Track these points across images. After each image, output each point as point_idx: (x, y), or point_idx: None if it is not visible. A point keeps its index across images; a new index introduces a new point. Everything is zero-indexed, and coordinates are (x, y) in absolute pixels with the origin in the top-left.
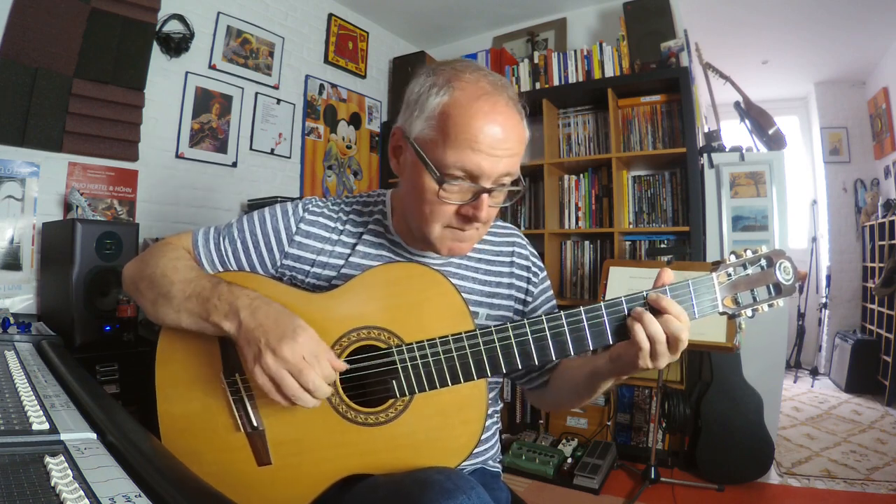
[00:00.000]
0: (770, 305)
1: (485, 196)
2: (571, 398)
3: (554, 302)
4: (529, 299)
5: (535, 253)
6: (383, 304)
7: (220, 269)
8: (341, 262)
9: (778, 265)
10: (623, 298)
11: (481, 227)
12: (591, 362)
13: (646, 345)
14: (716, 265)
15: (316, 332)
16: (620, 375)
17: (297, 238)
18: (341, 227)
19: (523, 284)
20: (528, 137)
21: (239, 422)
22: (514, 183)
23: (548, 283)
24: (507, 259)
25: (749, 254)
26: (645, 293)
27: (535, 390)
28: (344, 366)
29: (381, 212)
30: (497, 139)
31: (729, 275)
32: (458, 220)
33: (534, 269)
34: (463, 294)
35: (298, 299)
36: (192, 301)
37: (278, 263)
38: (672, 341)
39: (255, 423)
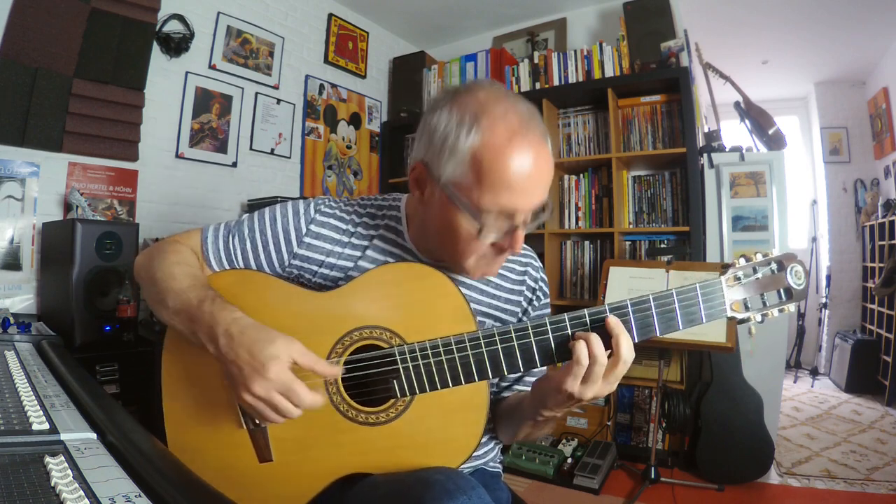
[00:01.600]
0: (780, 310)
1: (520, 230)
2: (508, 427)
3: None
4: (525, 319)
5: (546, 279)
6: (386, 304)
7: (227, 266)
8: (350, 264)
9: (789, 269)
10: (628, 301)
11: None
12: (520, 397)
13: (585, 361)
14: (725, 268)
15: (300, 348)
16: (540, 410)
17: (307, 239)
18: (352, 230)
19: (525, 304)
20: (553, 166)
21: (241, 418)
22: (542, 208)
23: (548, 311)
24: (520, 277)
25: (759, 257)
26: (628, 301)
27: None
28: (338, 372)
29: (394, 217)
30: (532, 179)
31: (738, 278)
32: (493, 252)
33: (539, 293)
34: (471, 304)
35: (302, 299)
36: (181, 316)
37: (286, 263)
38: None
39: (257, 420)
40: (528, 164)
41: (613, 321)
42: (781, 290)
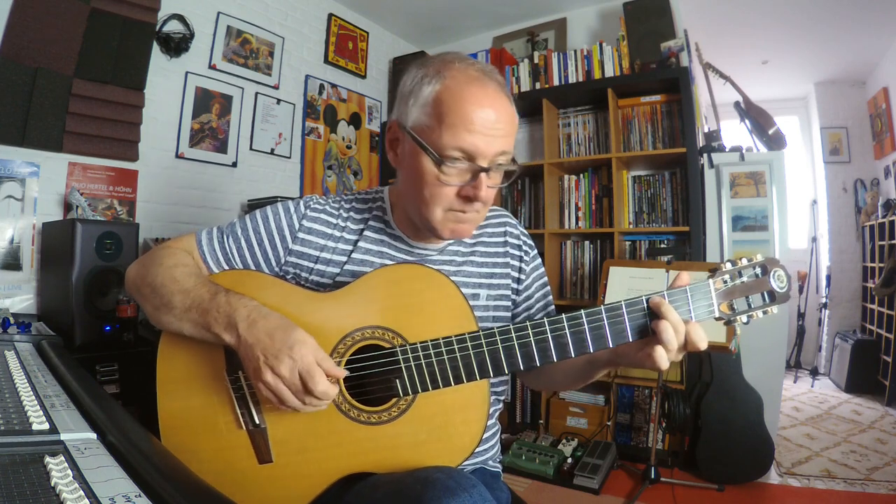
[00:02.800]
0: (764, 312)
1: (483, 175)
2: (566, 382)
3: (545, 280)
4: (522, 276)
5: (526, 233)
6: (387, 305)
7: (226, 267)
8: (344, 258)
9: (772, 273)
10: (623, 303)
11: (481, 209)
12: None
13: (674, 345)
14: (713, 272)
15: (315, 342)
16: (618, 366)
17: (301, 235)
18: (343, 224)
19: (516, 263)
20: (517, 121)
21: (241, 419)
22: (510, 163)
23: (539, 261)
24: (501, 239)
25: (745, 261)
26: (644, 298)
27: (527, 372)
28: (343, 373)
29: (380, 207)
30: (490, 120)
31: (725, 281)
32: (460, 202)
33: (525, 247)
34: (462, 278)
35: (302, 299)
36: (193, 312)
37: (282, 261)
38: (689, 345)
39: (256, 421)
40: (486, 106)
41: (657, 301)
42: (765, 293)
